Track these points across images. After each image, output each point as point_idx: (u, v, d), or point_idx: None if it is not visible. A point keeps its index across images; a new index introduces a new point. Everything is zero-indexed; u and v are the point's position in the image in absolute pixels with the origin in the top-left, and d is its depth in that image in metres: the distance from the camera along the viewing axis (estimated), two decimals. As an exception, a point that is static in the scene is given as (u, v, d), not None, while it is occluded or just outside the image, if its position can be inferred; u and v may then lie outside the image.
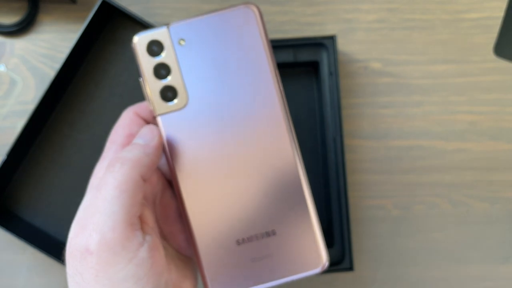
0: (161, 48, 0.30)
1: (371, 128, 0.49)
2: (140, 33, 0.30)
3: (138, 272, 0.26)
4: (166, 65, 0.30)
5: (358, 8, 0.49)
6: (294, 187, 0.31)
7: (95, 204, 0.26)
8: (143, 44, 0.30)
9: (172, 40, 0.29)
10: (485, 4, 0.49)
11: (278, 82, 0.30)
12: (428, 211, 0.49)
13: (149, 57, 0.30)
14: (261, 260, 0.30)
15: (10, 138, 0.47)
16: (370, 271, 0.49)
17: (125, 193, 0.26)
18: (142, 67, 0.30)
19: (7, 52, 0.48)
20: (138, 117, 0.31)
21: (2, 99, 0.48)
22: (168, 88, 0.30)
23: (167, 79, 0.30)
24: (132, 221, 0.26)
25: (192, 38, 0.29)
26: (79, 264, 0.26)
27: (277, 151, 0.30)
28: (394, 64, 0.49)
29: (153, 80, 0.30)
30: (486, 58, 0.49)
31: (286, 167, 0.31)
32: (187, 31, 0.29)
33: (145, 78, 0.30)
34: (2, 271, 0.48)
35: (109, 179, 0.27)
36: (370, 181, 0.49)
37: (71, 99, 0.48)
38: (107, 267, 0.25)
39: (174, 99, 0.30)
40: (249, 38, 0.30)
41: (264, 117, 0.30)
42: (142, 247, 0.26)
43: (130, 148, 0.28)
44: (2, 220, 0.45)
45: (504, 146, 0.49)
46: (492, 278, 0.49)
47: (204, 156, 0.30)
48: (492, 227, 0.49)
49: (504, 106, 0.49)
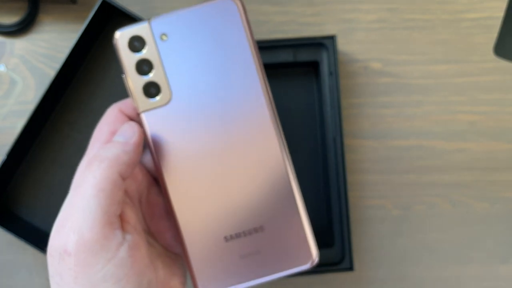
0: (142, 43, 0.29)
1: (371, 128, 0.49)
2: (122, 28, 0.29)
3: (117, 273, 0.25)
4: (148, 60, 0.29)
5: (358, 8, 0.49)
6: (282, 182, 0.30)
7: (73, 203, 0.26)
8: (125, 40, 0.29)
9: (154, 35, 0.29)
10: (485, 4, 0.50)
11: (263, 76, 0.30)
12: (428, 211, 0.49)
13: (130, 53, 0.29)
14: (250, 256, 0.30)
15: (10, 138, 0.48)
16: (370, 271, 0.49)
17: (103, 192, 0.26)
18: (124, 63, 0.29)
19: (7, 52, 0.48)
20: (122, 114, 0.31)
21: (2, 99, 0.48)
22: (151, 84, 0.29)
23: (150, 75, 0.29)
24: (111, 220, 0.26)
25: (174, 32, 0.29)
26: (58, 265, 0.26)
27: (263, 146, 0.30)
28: (394, 64, 0.49)
29: (136, 76, 0.29)
30: (486, 58, 0.49)
31: (273, 163, 0.30)
32: (169, 26, 0.29)
33: (127, 74, 0.29)
34: (2, 271, 0.48)
35: (88, 178, 0.26)
36: (370, 181, 0.49)
37: (71, 99, 0.48)
38: (85, 268, 0.25)
39: (157, 95, 0.29)
40: (232, 31, 0.29)
41: (249, 112, 0.30)
42: (122, 246, 0.26)
43: (109, 146, 0.28)
44: (2, 220, 0.45)
45: (504, 146, 0.50)
46: (492, 278, 0.49)
47: (189, 152, 0.30)
48: (492, 227, 0.49)
49: (504, 106, 0.49)
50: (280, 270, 0.30)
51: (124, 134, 0.29)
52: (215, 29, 0.29)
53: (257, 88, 0.30)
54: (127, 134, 0.29)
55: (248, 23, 0.29)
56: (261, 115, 0.30)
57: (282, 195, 0.30)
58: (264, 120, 0.30)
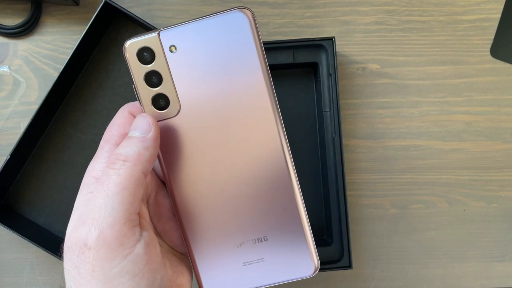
0: (152, 55, 0.29)
1: (369, 129, 0.50)
2: (131, 39, 0.29)
3: (133, 268, 0.26)
4: (157, 72, 0.29)
5: (356, 10, 0.50)
6: (287, 194, 0.30)
7: (96, 200, 0.27)
8: (134, 51, 0.29)
9: (163, 47, 0.28)
10: (482, 6, 0.50)
11: (271, 89, 0.29)
12: (425, 210, 0.50)
13: (140, 64, 0.29)
14: (253, 264, 0.31)
15: (14, 138, 0.48)
16: (368, 269, 0.49)
17: (126, 190, 0.26)
18: (133, 74, 0.29)
19: (11, 54, 0.49)
20: (133, 117, 0.31)
21: (6, 100, 0.49)
22: (160, 96, 0.29)
23: (159, 87, 0.29)
24: (131, 217, 0.27)
25: (184, 44, 0.28)
26: (76, 259, 0.26)
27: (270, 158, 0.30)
28: (391, 66, 0.50)
29: (145, 87, 0.29)
30: (483, 59, 0.50)
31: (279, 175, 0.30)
32: (178, 38, 0.28)
33: (137, 85, 0.29)
34: (6, 269, 0.48)
35: (112, 176, 0.27)
36: (368, 181, 0.49)
37: (74, 100, 0.48)
38: (103, 262, 0.26)
39: (166, 107, 0.29)
40: (242, 44, 0.29)
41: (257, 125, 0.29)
42: (139, 243, 0.27)
43: (129, 143, 0.28)
44: (6, 218, 0.46)
45: (501, 146, 0.50)
46: (489, 276, 0.50)
47: (197, 163, 0.30)
48: (489, 226, 0.50)
49: (501, 107, 0.50)
50: (282, 277, 0.31)
51: (140, 128, 0.29)
52: (225, 42, 0.28)
53: (265, 102, 0.29)
54: (143, 128, 0.29)
55: (259, 36, 0.29)
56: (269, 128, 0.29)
57: (287, 206, 0.30)
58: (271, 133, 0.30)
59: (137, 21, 0.45)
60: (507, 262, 0.50)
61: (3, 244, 0.48)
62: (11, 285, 0.48)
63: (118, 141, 0.30)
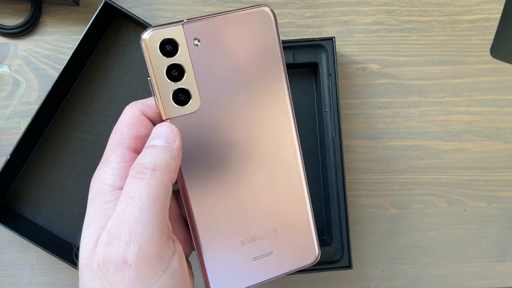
0: (175, 47, 0.27)
1: (369, 129, 0.50)
2: (152, 29, 0.27)
3: (171, 282, 0.25)
4: (180, 66, 0.27)
5: (356, 10, 0.50)
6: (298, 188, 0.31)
7: (129, 213, 0.25)
8: (156, 42, 0.27)
9: (187, 39, 0.27)
10: (482, 6, 0.50)
11: (288, 88, 0.29)
12: (425, 210, 0.50)
13: (162, 56, 0.27)
14: (262, 258, 0.30)
15: (14, 138, 0.48)
16: (368, 269, 0.49)
17: (159, 201, 0.25)
18: (153, 67, 0.27)
19: (11, 53, 0.49)
20: (145, 117, 0.29)
21: (6, 100, 0.49)
22: (181, 91, 0.28)
23: (181, 81, 0.28)
24: (164, 229, 0.26)
25: (207, 38, 0.27)
26: (111, 277, 0.25)
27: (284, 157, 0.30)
28: (391, 66, 0.50)
29: (165, 81, 0.27)
30: (483, 59, 0.50)
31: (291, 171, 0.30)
32: (202, 31, 0.27)
33: (157, 79, 0.27)
34: (6, 269, 0.48)
35: (143, 187, 0.25)
36: (368, 181, 0.49)
37: (74, 100, 0.48)
38: (144, 279, 0.25)
39: (186, 102, 0.28)
40: (264, 41, 0.28)
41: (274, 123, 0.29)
42: (174, 256, 0.26)
43: (154, 152, 0.27)
44: (6, 219, 0.46)
45: (501, 146, 0.50)
46: (489, 276, 0.50)
47: (212, 159, 0.29)
48: (489, 226, 0.50)
49: (501, 107, 0.50)
50: (288, 268, 0.31)
51: (164, 137, 0.27)
52: (248, 37, 0.28)
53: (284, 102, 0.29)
54: (169, 137, 0.27)
55: (278, 33, 0.28)
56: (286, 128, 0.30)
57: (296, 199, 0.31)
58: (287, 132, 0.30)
59: (137, 21, 0.45)
60: (507, 262, 0.50)
61: (3, 244, 0.48)
62: (11, 285, 0.48)
63: (131, 144, 0.28)
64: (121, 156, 0.28)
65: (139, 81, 0.48)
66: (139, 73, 0.48)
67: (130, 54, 0.48)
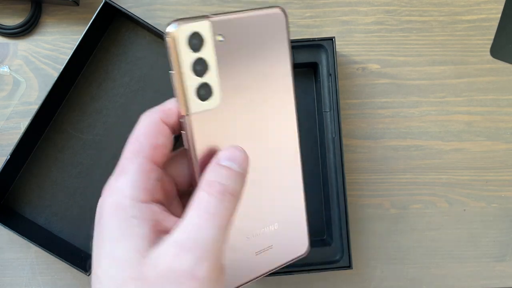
0: (201, 42, 0.27)
1: (369, 129, 0.50)
2: (178, 22, 0.27)
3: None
4: (204, 61, 0.27)
5: (356, 10, 0.50)
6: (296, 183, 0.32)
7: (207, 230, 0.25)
8: (184, 36, 0.27)
9: (212, 34, 0.27)
10: (482, 6, 0.50)
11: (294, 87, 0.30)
12: (425, 210, 0.50)
13: (188, 50, 0.27)
14: (264, 252, 0.31)
15: (14, 138, 0.48)
16: (368, 268, 0.49)
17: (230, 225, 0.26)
18: (179, 60, 0.27)
19: (11, 54, 0.49)
20: (165, 125, 0.28)
21: (6, 100, 0.49)
22: (204, 86, 0.27)
23: (204, 76, 0.27)
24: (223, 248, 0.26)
25: (230, 34, 0.28)
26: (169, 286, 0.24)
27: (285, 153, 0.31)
28: (391, 66, 0.50)
29: (190, 75, 0.27)
30: (483, 59, 0.50)
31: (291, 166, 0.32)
32: (226, 27, 0.28)
33: (181, 73, 0.27)
34: (6, 269, 0.48)
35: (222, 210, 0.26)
36: (368, 181, 0.49)
37: (74, 100, 0.48)
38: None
39: (208, 98, 0.28)
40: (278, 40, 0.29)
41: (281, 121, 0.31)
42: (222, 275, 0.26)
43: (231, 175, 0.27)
44: (6, 219, 0.46)
45: (501, 146, 0.50)
46: (489, 276, 0.50)
47: None
48: (489, 226, 0.50)
49: (501, 107, 0.50)
50: (284, 260, 0.32)
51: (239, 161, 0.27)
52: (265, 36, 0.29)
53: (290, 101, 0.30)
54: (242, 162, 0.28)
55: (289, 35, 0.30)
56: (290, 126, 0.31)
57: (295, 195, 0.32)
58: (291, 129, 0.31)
59: (137, 21, 0.45)
60: (507, 262, 0.50)
61: (3, 244, 0.48)
62: (11, 285, 0.48)
63: (150, 154, 0.27)
64: (140, 166, 0.27)
65: (139, 81, 0.48)
66: (139, 73, 0.48)
67: (130, 54, 0.48)
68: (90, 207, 0.48)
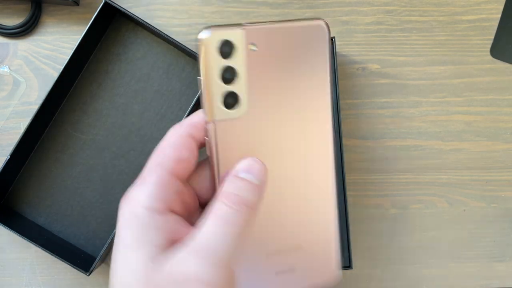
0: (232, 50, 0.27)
1: (369, 129, 0.50)
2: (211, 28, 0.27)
3: None
4: (233, 69, 0.27)
5: (356, 10, 0.50)
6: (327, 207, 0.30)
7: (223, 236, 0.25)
8: (215, 42, 0.27)
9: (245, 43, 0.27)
10: (482, 6, 0.50)
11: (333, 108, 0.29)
12: (425, 210, 0.50)
13: (218, 57, 0.27)
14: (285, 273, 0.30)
15: (14, 138, 0.48)
16: (368, 269, 0.49)
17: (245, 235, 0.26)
18: (207, 66, 0.27)
19: (11, 54, 0.49)
20: (191, 139, 0.28)
21: (6, 100, 0.49)
22: (231, 94, 0.27)
23: (232, 84, 0.27)
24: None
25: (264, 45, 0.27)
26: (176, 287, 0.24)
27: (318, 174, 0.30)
28: (391, 66, 0.50)
29: (217, 82, 0.27)
30: (483, 60, 0.50)
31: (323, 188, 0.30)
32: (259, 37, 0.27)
33: (209, 79, 0.27)
34: (6, 269, 0.48)
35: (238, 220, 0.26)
36: (368, 181, 0.49)
37: (74, 100, 0.48)
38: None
39: (234, 106, 0.28)
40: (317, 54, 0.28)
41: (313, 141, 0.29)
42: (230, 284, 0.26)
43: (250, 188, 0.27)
44: (6, 219, 0.46)
45: (501, 146, 0.50)
46: (489, 276, 0.50)
47: None
48: (489, 226, 0.50)
49: (501, 107, 0.50)
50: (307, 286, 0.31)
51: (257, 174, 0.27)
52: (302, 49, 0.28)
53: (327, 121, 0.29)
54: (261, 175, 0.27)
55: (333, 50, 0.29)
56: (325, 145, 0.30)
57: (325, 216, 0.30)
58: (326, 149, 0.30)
59: (137, 21, 0.45)
60: (507, 262, 0.50)
61: (3, 244, 0.48)
62: (11, 285, 0.48)
63: (171, 166, 0.27)
64: (159, 178, 0.27)
65: (139, 81, 0.48)
66: (139, 73, 0.48)
67: (130, 54, 0.48)
68: (90, 207, 0.48)
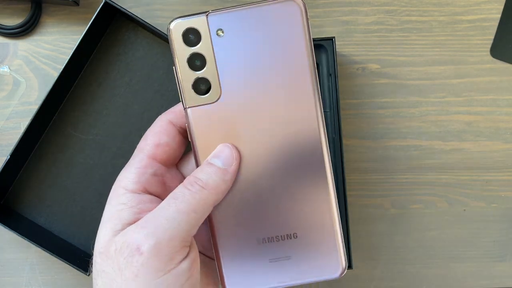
0: (198, 37, 0.28)
1: (369, 129, 0.50)
2: (177, 18, 0.28)
3: (174, 283, 0.27)
4: (201, 55, 0.28)
5: (356, 10, 0.50)
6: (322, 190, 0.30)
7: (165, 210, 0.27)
8: (179, 32, 0.28)
9: (210, 30, 0.28)
10: (482, 6, 0.50)
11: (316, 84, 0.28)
12: (425, 210, 0.50)
13: (184, 45, 0.28)
14: (279, 261, 0.30)
15: (14, 138, 0.48)
16: (368, 269, 0.50)
17: (195, 213, 0.27)
18: (176, 55, 0.28)
19: (11, 54, 0.49)
20: (171, 125, 0.30)
21: (6, 100, 0.49)
22: (202, 80, 0.28)
23: (202, 70, 0.28)
24: (188, 238, 0.27)
25: (231, 29, 0.28)
26: (123, 261, 0.26)
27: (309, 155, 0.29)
28: (391, 66, 0.50)
29: (187, 70, 0.28)
30: (483, 59, 0.50)
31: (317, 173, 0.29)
32: (226, 22, 0.27)
33: (178, 67, 0.28)
34: (6, 269, 0.48)
35: (187, 196, 0.27)
36: (368, 181, 0.49)
37: (74, 100, 0.48)
38: (149, 270, 0.26)
39: (206, 92, 0.28)
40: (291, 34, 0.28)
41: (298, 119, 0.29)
42: (185, 260, 0.27)
43: (210, 171, 0.28)
44: (6, 219, 0.46)
45: (501, 146, 0.50)
46: (489, 276, 0.50)
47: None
48: (489, 226, 0.50)
49: (501, 107, 0.50)
50: (307, 277, 0.30)
51: (223, 158, 0.29)
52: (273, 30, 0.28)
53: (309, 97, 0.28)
54: (227, 159, 0.29)
55: (309, 27, 0.28)
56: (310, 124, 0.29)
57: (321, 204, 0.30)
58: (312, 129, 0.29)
59: (137, 21, 0.45)
60: (507, 262, 0.50)
61: (3, 244, 0.48)
62: (11, 285, 0.48)
63: (151, 151, 0.30)
64: (139, 161, 0.30)
65: (139, 81, 0.48)
66: (139, 73, 0.48)
67: (130, 54, 0.48)
68: (90, 207, 0.48)
